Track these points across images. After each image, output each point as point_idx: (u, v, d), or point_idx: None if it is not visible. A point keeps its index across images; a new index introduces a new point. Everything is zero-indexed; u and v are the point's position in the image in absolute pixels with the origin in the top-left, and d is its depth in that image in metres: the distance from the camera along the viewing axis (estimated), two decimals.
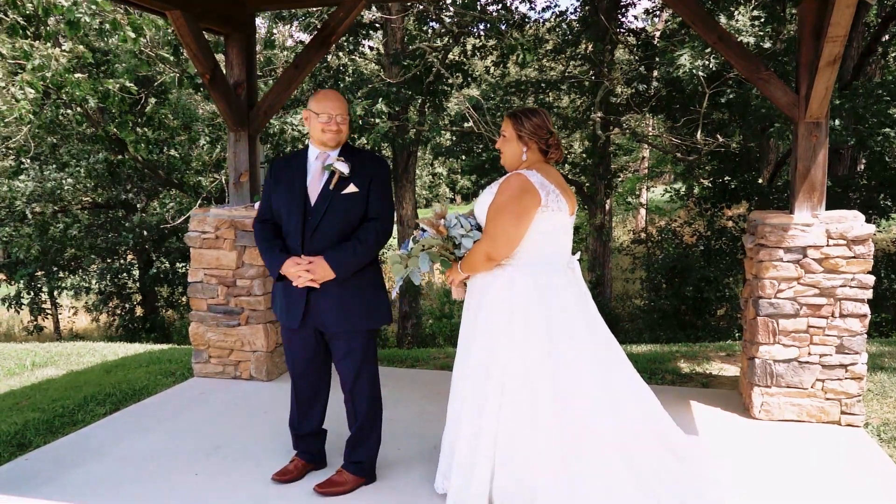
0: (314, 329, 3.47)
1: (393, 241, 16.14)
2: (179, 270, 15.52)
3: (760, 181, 12.64)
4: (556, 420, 3.08)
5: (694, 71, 9.15)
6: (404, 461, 3.86)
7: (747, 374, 4.55)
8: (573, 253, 3.40)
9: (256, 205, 5.37)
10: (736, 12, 8.90)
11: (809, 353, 4.30)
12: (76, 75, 10.44)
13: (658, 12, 14.65)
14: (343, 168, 3.40)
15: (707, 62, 9.20)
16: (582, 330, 3.22)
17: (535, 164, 3.25)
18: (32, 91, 9.67)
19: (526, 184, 3.11)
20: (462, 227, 3.24)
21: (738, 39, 8.50)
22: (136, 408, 4.85)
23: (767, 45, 9.03)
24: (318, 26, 12.02)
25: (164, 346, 7.79)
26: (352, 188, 3.39)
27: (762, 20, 8.97)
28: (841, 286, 4.21)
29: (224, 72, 5.33)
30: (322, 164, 3.44)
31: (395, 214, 14.03)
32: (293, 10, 12.21)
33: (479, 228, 3.27)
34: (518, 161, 3.27)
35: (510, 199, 3.10)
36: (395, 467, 3.79)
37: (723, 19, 8.86)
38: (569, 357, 3.14)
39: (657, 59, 11.75)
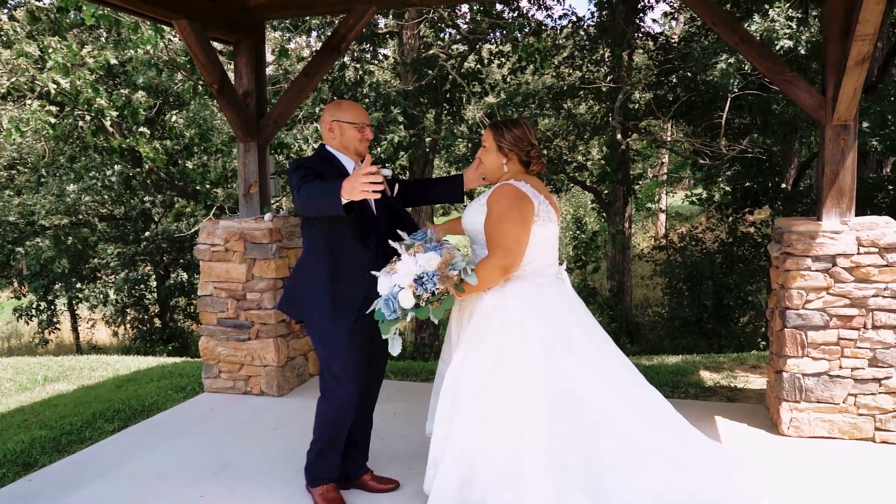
0: None
1: None
2: (196, 281, 15.55)
3: (784, 185, 12.38)
4: (548, 436, 2.93)
5: (731, 71, 8.88)
6: (418, 479, 3.71)
7: (774, 388, 4.36)
8: (560, 263, 3.32)
9: (266, 216, 5.28)
10: (771, 10, 8.64)
11: (840, 367, 4.10)
12: (98, 86, 10.49)
13: (677, 15, 14.44)
14: (389, 174, 3.41)
15: (744, 66, 8.98)
16: (580, 339, 3.10)
17: (517, 175, 3.18)
18: (55, 86, 9.69)
19: (519, 192, 3.05)
20: (463, 260, 3.02)
21: (776, 43, 8.29)
22: (145, 424, 4.75)
23: (802, 49, 8.73)
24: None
25: (177, 360, 7.72)
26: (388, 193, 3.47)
27: (797, 20, 8.67)
28: (873, 296, 4.01)
29: (233, 82, 5.25)
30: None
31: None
32: (307, 21, 12.16)
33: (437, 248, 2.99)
34: (499, 172, 3.22)
35: (510, 206, 3.03)
36: (410, 485, 3.65)
37: (756, 19, 8.60)
38: (565, 369, 3.01)
39: (676, 62, 11.55)
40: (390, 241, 3.03)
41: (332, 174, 3.22)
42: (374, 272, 3.03)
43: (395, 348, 3.06)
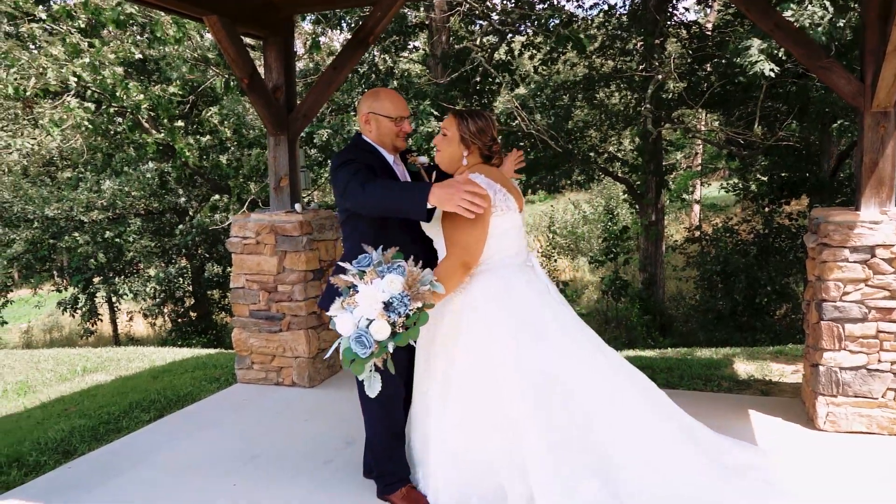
0: None
1: None
2: (230, 274, 15.79)
3: (822, 175, 12.12)
4: (544, 427, 2.89)
5: (763, 62, 8.61)
6: None
7: (811, 382, 4.27)
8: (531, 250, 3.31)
9: (297, 206, 5.33)
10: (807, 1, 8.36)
11: (879, 360, 4.00)
12: (128, 82, 10.68)
13: (710, 2, 14.18)
14: (426, 162, 3.37)
15: (777, 51, 8.71)
16: (553, 328, 3.04)
17: (473, 167, 3.10)
18: (76, 80, 9.90)
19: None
20: (427, 276, 2.76)
21: (808, 32, 8.05)
22: (180, 414, 4.84)
23: (838, 35, 8.46)
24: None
25: (212, 351, 7.84)
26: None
27: (834, 8, 8.38)
28: None
29: (262, 75, 5.29)
30: (404, 166, 3.34)
31: None
32: (337, 13, 12.22)
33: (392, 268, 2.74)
34: (457, 164, 3.13)
35: None
36: None
37: (792, 7, 8.36)
38: (540, 362, 2.95)
39: (710, 49, 11.35)
40: (340, 276, 2.74)
41: (378, 168, 3.13)
42: (326, 312, 2.77)
43: (373, 389, 2.74)
